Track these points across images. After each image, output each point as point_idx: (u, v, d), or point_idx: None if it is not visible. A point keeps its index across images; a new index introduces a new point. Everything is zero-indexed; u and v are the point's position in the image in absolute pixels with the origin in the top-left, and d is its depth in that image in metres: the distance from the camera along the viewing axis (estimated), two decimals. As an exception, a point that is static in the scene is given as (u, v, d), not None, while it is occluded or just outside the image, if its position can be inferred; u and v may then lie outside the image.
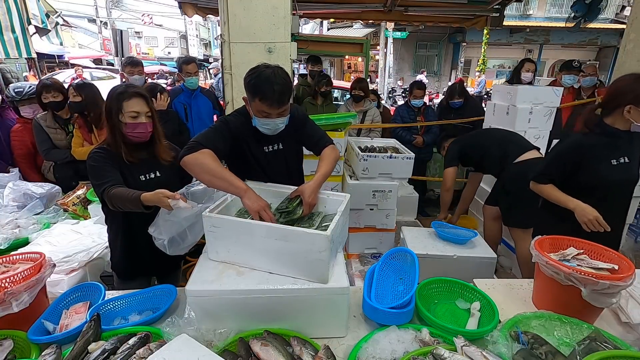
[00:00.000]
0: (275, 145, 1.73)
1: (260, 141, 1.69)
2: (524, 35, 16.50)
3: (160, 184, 1.54)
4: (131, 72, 3.30)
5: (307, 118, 1.80)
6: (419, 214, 3.43)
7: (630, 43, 3.25)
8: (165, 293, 1.45)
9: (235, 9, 2.56)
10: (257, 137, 1.67)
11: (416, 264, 1.46)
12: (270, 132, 1.61)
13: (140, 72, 3.33)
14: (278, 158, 1.74)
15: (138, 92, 1.62)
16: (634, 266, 1.27)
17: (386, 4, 5.07)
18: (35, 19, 6.29)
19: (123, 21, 21.75)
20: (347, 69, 18.01)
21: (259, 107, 1.51)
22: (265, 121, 1.55)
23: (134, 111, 1.59)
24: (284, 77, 1.51)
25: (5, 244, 2.06)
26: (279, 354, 1.09)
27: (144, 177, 1.67)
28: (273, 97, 1.47)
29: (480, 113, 4.05)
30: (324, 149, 1.71)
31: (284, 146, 1.74)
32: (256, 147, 1.69)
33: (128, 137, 1.62)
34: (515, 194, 2.46)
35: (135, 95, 1.60)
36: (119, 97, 1.58)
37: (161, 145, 1.73)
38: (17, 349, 1.19)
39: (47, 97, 2.78)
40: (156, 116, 1.69)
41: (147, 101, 1.65)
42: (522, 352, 1.10)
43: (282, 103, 1.50)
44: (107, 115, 1.60)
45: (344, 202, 1.45)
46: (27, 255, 1.43)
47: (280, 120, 1.57)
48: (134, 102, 1.59)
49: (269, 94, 1.46)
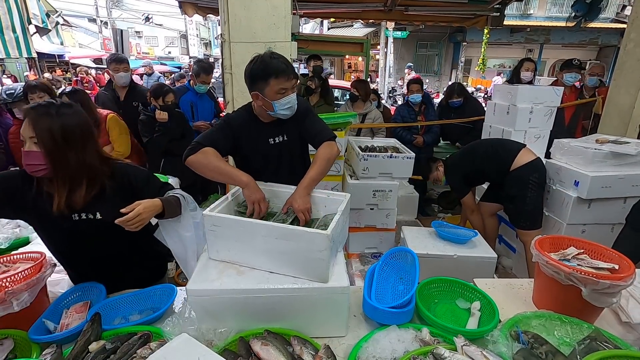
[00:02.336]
0: (280, 137, 1.74)
1: (265, 134, 1.72)
2: (524, 34, 16.48)
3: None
4: (116, 70, 3.21)
5: (308, 110, 1.80)
6: (419, 214, 3.43)
7: (631, 42, 3.25)
8: (165, 293, 1.45)
9: (235, 8, 2.56)
10: (261, 130, 1.70)
11: (416, 263, 1.46)
12: (290, 112, 1.63)
13: (125, 69, 3.25)
14: (282, 149, 1.76)
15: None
16: (634, 266, 1.27)
17: (386, 3, 5.06)
18: (36, 18, 6.30)
19: (123, 21, 21.76)
20: (348, 69, 17.99)
21: (276, 85, 1.54)
22: (285, 100, 1.58)
23: (21, 135, 1.18)
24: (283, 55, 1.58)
25: (6, 243, 2.06)
26: (279, 353, 1.09)
27: (76, 217, 1.34)
28: (286, 69, 1.54)
29: (480, 113, 4.05)
30: (320, 145, 1.68)
31: (288, 137, 1.76)
32: (260, 140, 1.72)
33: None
34: (520, 198, 2.47)
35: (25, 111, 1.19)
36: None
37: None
38: (18, 348, 1.19)
39: (32, 97, 2.71)
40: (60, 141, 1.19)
41: (32, 123, 1.17)
42: (522, 352, 1.10)
43: (294, 74, 1.58)
44: None
45: (344, 201, 1.45)
46: (28, 255, 1.43)
47: (295, 96, 1.61)
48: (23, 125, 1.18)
49: (281, 67, 1.53)
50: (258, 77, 1.55)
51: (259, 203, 1.41)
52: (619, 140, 2.51)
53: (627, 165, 2.35)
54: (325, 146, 1.67)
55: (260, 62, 1.54)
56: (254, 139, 1.72)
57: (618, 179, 2.33)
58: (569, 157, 2.50)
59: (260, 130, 1.71)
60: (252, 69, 1.56)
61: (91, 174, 1.30)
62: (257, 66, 1.54)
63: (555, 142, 2.66)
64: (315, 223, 1.46)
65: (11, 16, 5.10)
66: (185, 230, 1.49)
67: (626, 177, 2.34)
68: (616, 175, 2.32)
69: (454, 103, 4.08)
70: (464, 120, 4.02)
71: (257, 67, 1.54)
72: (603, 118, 3.52)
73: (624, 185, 2.35)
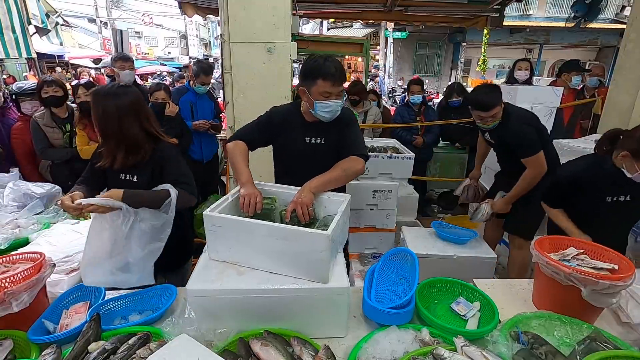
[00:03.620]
0: (318, 139, 1.78)
1: (303, 131, 1.77)
2: (524, 35, 16.48)
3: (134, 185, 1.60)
4: (122, 67, 3.29)
5: (352, 122, 1.80)
6: (419, 214, 3.43)
7: (630, 43, 3.25)
8: (165, 293, 1.45)
9: (235, 9, 2.56)
10: (301, 127, 1.77)
11: (416, 264, 1.46)
12: (330, 116, 1.67)
13: (131, 68, 3.32)
14: (317, 151, 1.78)
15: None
16: (634, 266, 1.27)
17: (386, 3, 5.07)
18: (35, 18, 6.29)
19: (123, 21, 21.75)
20: (348, 69, 18.00)
21: (321, 88, 1.59)
22: (326, 103, 1.62)
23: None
24: (338, 61, 1.65)
25: (5, 244, 2.05)
26: (279, 354, 1.09)
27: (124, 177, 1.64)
28: (335, 75, 1.59)
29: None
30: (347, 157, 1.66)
31: (326, 141, 1.78)
32: (299, 137, 1.77)
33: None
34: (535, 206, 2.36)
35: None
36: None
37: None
38: (17, 348, 1.19)
39: (47, 91, 2.76)
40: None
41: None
42: (522, 352, 1.10)
43: (342, 81, 1.64)
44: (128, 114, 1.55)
45: (345, 202, 1.45)
46: (27, 255, 1.43)
47: (339, 102, 1.66)
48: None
49: (330, 71, 1.58)
50: (309, 74, 1.62)
51: (249, 197, 1.42)
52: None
53: (627, 165, 2.34)
54: (350, 159, 1.65)
55: (313, 61, 1.61)
56: (292, 134, 1.77)
57: (618, 179, 2.32)
58: (568, 158, 2.49)
59: (300, 127, 1.77)
60: (306, 66, 1.64)
61: (134, 143, 1.58)
62: (310, 64, 1.62)
63: (554, 143, 2.66)
64: (316, 223, 1.46)
65: (11, 16, 5.10)
66: (124, 225, 1.45)
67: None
68: (616, 175, 2.32)
69: (454, 102, 4.08)
70: (464, 120, 4.03)
71: (311, 65, 1.61)
72: (602, 118, 3.52)
73: (623, 185, 2.34)
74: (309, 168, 1.62)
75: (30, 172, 3.01)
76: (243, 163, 1.62)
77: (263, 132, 1.79)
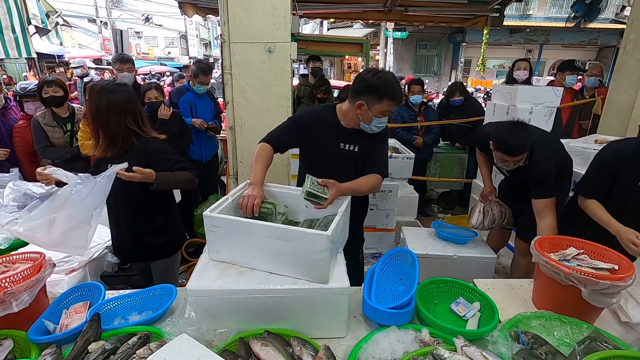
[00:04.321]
0: (351, 146, 1.80)
1: (340, 136, 1.79)
2: (524, 35, 16.48)
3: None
4: (120, 69, 3.27)
5: (386, 137, 1.89)
6: (419, 214, 3.43)
7: (630, 43, 3.25)
8: (165, 293, 1.45)
9: (235, 9, 2.56)
10: (337, 132, 1.79)
11: (416, 264, 1.46)
12: (378, 130, 1.73)
13: (129, 70, 3.30)
14: (349, 159, 1.81)
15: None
16: (634, 266, 1.27)
17: (386, 4, 5.06)
18: (35, 19, 6.29)
19: (123, 21, 21.75)
20: (347, 69, 18.00)
21: (386, 107, 1.63)
22: (383, 119, 1.69)
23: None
24: (396, 78, 1.71)
25: (5, 244, 2.06)
26: (279, 354, 1.09)
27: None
28: (401, 97, 1.68)
29: (480, 113, 4.05)
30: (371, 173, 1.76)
31: (359, 150, 1.80)
32: (334, 141, 1.79)
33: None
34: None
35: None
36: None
37: None
38: (17, 348, 1.19)
39: (47, 91, 2.77)
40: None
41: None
42: (522, 352, 1.10)
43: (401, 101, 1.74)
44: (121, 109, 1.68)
45: (345, 202, 1.45)
46: (27, 255, 1.43)
47: (387, 118, 1.72)
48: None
49: (399, 94, 1.64)
50: (375, 91, 1.61)
51: (249, 199, 1.43)
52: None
53: (627, 165, 2.34)
54: (376, 177, 1.76)
55: (384, 80, 1.60)
56: (327, 138, 1.79)
57: (618, 180, 2.32)
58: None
59: (336, 132, 1.79)
60: (373, 81, 1.60)
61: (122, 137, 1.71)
62: (380, 82, 1.60)
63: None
64: (316, 224, 1.46)
65: (11, 16, 5.10)
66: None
67: (626, 177, 2.33)
68: (616, 175, 2.31)
69: (455, 102, 4.09)
70: (464, 120, 4.03)
71: (380, 83, 1.59)
72: (602, 118, 3.52)
73: (623, 185, 2.34)
74: (339, 172, 1.64)
75: (31, 171, 3.01)
76: (260, 165, 1.64)
77: (292, 135, 1.80)
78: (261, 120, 2.74)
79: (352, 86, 1.72)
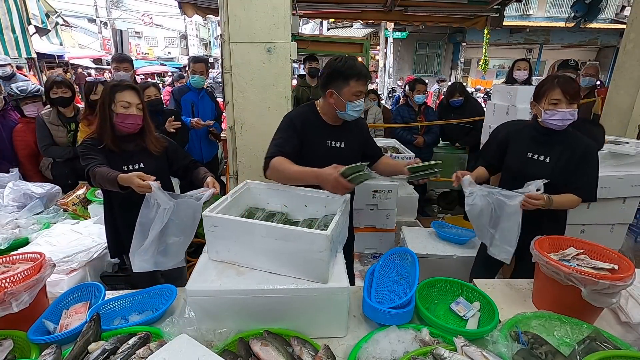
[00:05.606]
0: (338, 143, 1.80)
1: (325, 135, 1.78)
2: (524, 35, 16.49)
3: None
4: (117, 68, 3.26)
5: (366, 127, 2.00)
6: (419, 214, 3.43)
7: (630, 43, 3.25)
8: (165, 293, 1.45)
9: (235, 9, 2.56)
10: (322, 131, 1.77)
11: (416, 264, 1.46)
12: (357, 115, 1.72)
13: (126, 69, 3.28)
14: (337, 156, 1.78)
15: (130, 85, 1.73)
16: (634, 266, 1.27)
17: (386, 4, 5.06)
18: (35, 19, 6.28)
19: (123, 21, 21.75)
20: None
21: (354, 88, 1.61)
22: (357, 103, 1.66)
23: (125, 101, 1.69)
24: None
25: (5, 244, 2.06)
26: (279, 354, 1.09)
27: (127, 167, 1.73)
28: (367, 73, 1.66)
29: (480, 113, 4.05)
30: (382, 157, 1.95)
31: (346, 146, 1.80)
32: (321, 140, 1.77)
33: (118, 127, 1.71)
34: None
35: (128, 87, 1.72)
36: (112, 89, 1.68)
37: (150, 136, 1.81)
38: (17, 349, 1.19)
39: (56, 92, 2.79)
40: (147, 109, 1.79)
41: (138, 94, 1.75)
42: (522, 352, 1.10)
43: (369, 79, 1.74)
44: (100, 107, 1.69)
45: (344, 202, 1.45)
46: (27, 255, 1.43)
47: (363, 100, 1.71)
48: (126, 94, 1.70)
49: (363, 71, 1.63)
50: (340, 75, 1.61)
51: (337, 180, 1.37)
52: (618, 140, 2.51)
53: (626, 165, 2.35)
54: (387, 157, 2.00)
55: (344, 62, 1.61)
56: (314, 137, 1.76)
57: (617, 179, 2.33)
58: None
59: (321, 131, 1.77)
60: (335, 67, 1.62)
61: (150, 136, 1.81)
62: (341, 65, 1.61)
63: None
64: (315, 223, 1.46)
65: (10, 16, 5.10)
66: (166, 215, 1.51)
67: (625, 177, 2.34)
68: (615, 175, 2.33)
69: (455, 102, 4.09)
70: (464, 120, 4.02)
71: (341, 66, 1.60)
72: (602, 118, 3.52)
73: (623, 185, 2.35)
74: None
75: (32, 173, 3.01)
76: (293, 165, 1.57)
77: (293, 138, 1.72)
78: (261, 120, 2.74)
79: (320, 80, 1.73)
